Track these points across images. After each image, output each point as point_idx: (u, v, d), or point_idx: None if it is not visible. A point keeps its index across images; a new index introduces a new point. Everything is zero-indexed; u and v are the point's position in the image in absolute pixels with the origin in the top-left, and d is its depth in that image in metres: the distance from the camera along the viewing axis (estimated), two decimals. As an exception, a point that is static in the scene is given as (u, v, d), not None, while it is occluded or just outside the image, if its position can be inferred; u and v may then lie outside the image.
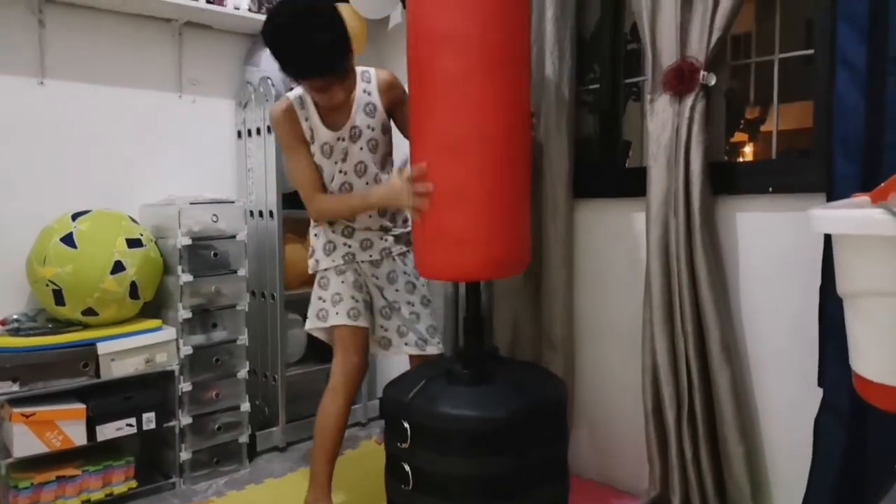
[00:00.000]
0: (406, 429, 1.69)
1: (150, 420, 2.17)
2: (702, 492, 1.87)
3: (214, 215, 2.30)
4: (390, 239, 2.02)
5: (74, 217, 2.10)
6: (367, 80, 1.94)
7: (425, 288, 2.08)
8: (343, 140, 1.90)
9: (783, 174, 1.79)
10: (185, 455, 2.26)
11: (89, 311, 2.06)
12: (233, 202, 2.36)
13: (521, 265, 1.80)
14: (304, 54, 1.68)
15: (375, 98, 1.95)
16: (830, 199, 1.51)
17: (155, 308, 2.31)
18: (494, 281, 2.35)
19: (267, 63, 2.59)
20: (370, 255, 1.99)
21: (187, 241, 2.22)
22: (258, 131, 2.57)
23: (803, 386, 1.71)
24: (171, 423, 2.23)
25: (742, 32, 2.25)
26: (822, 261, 1.48)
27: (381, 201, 1.86)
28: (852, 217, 0.94)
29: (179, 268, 2.22)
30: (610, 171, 2.21)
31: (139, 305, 2.19)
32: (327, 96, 1.78)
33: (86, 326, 2.10)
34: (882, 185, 0.99)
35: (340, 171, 1.92)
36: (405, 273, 2.04)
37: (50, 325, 2.08)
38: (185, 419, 2.25)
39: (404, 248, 2.05)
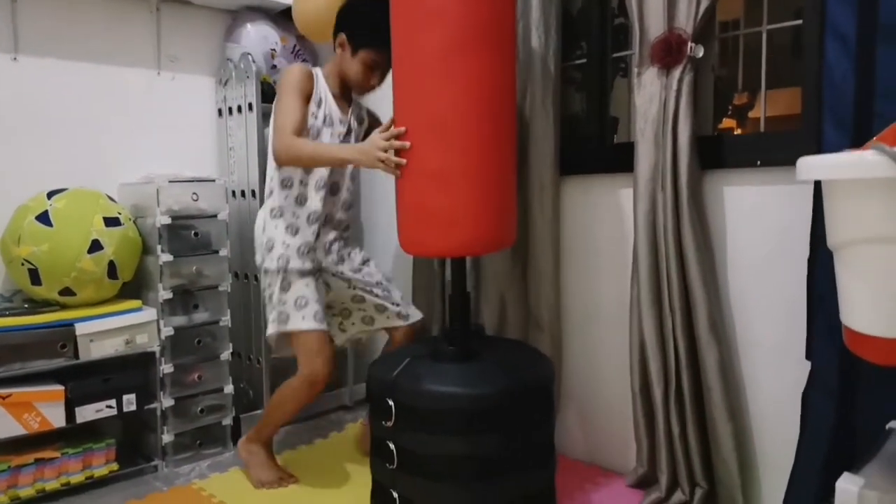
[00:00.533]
0: (391, 407, 1.66)
1: (130, 402, 2.13)
2: (689, 469, 1.86)
3: (194, 194, 2.25)
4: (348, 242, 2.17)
5: (50, 195, 2.04)
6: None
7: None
8: (343, 123, 2.05)
9: (772, 147, 1.77)
10: (167, 438, 2.22)
11: (67, 291, 2.01)
12: (213, 181, 2.31)
13: (506, 240, 1.78)
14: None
15: (365, 113, 2.19)
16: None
17: (135, 289, 2.26)
18: (481, 263, 2.32)
19: (247, 39, 2.54)
20: (334, 259, 2.10)
21: (167, 221, 2.18)
22: (239, 109, 2.52)
23: (792, 362, 1.70)
24: (153, 406, 2.20)
25: (731, 19, 2.21)
26: (811, 232, 1.46)
27: (353, 156, 1.83)
28: (844, 160, 0.91)
29: (159, 247, 2.17)
30: (597, 146, 2.18)
31: (118, 286, 2.15)
32: (375, 76, 1.96)
33: (63, 307, 2.05)
34: (875, 137, 0.96)
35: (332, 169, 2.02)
36: (365, 261, 2.17)
37: (26, 306, 2.03)
38: (167, 401, 2.22)
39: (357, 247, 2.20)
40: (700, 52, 1.80)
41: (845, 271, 0.97)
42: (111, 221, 2.08)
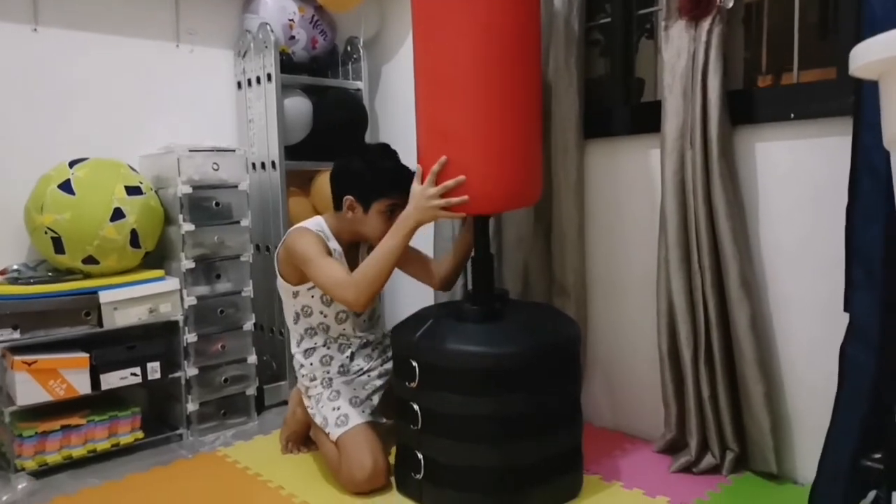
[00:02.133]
0: (414, 368, 1.64)
1: (154, 370, 2.13)
2: (719, 432, 1.81)
3: (215, 164, 2.24)
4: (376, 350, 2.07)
5: (72, 164, 2.05)
6: None
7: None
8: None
9: (806, 100, 1.70)
10: (191, 407, 2.23)
11: (90, 260, 2.02)
12: (234, 151, 2.30)
13: (529, 197, 1.74)
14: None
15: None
16: (859, 123, 1.43)
17: (157, 259, 2.27)
18: (503, 229, 2.28)
19: (265, 10, 2.52)
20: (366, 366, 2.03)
21: (188, 190, 2.17)
22: (258, 80, 2.50)
23: (826, 319, 1.65)
24: (177, 374, 2.20)
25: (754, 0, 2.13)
26: (850, 178, 1.40)
27: (410, 225, 1.69)
28: None
29: (181, 217, 2.17)
30: (622, 107, 2.13)
31: (140, 255, 2.15)
32: (396, 216, 1.76)
33: (87, 275, 2.06)
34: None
35: (338, 315, 1.95)
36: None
37: (50, 274, 2.04)
38: (191, 370, 2.22)
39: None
40: (730, 3, 1.74)
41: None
42: (133, 190, 2.08)
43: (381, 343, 2.08)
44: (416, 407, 1.65)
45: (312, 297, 1.91)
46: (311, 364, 1.96)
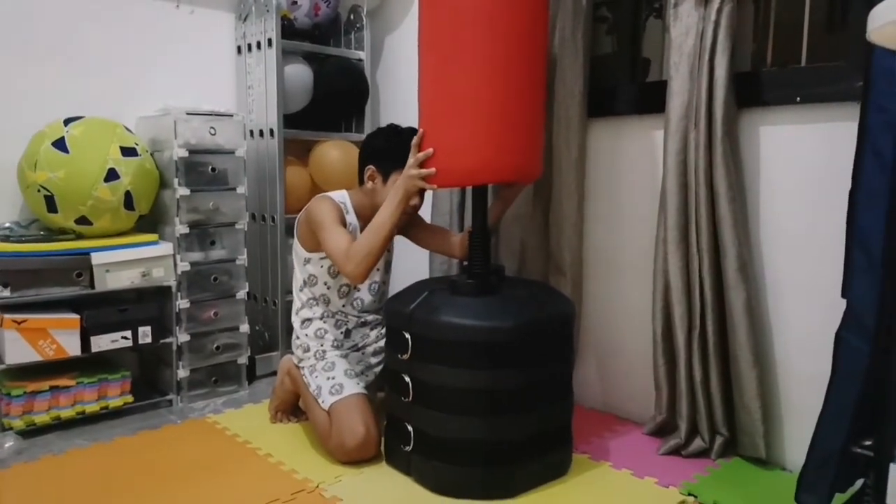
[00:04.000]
0: (407, 339, 1.63)
1: (145, 334, 2.12)
2: (710, 416, 1.81)
3: (212, 128, 2.21)
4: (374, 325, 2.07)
5: (67, 122, 2.02)
6: None
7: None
8: None
9: (813, 83, 1.68)
10: (182, 373, 2.22)
11: (83, 220, 1.99)
12: (231, 116, 2.26)
13: (528, 170, 1.72)
14: None
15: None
16: (866, 106, 1.40)
17: (151, 224, 2.24)
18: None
19: (269, -27, 2.47)
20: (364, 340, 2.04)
21: (184, 154, 2.14)
22: (258, 45, 2.46)
23: (823, 307, 1.64)
24: (168, 340, 2.19)
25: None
26: (854, 163, 1.38)
27: (399, 201, 1.71)
28: None
29: (176, 180, 2.14)
30: (627, 86, 2.09)
31: (134, 218, 2.13)
32: (420, 197, 1.83)
33: (79, 236, 2.03)
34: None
35: (341, 289, 1.96)
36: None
37: (42, 233, 2.02)
38: (183, 336, 2.21)
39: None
40: (742, -19, 1.71)
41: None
42: (128, 151, 2.05)
43: (380, 323, 2.06)
44: (407, 379, 1.64)
45: (321, 266, 1.91)
46: (306, 335, 1.95)
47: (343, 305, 1.97)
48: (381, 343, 2.01)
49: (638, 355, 2.04)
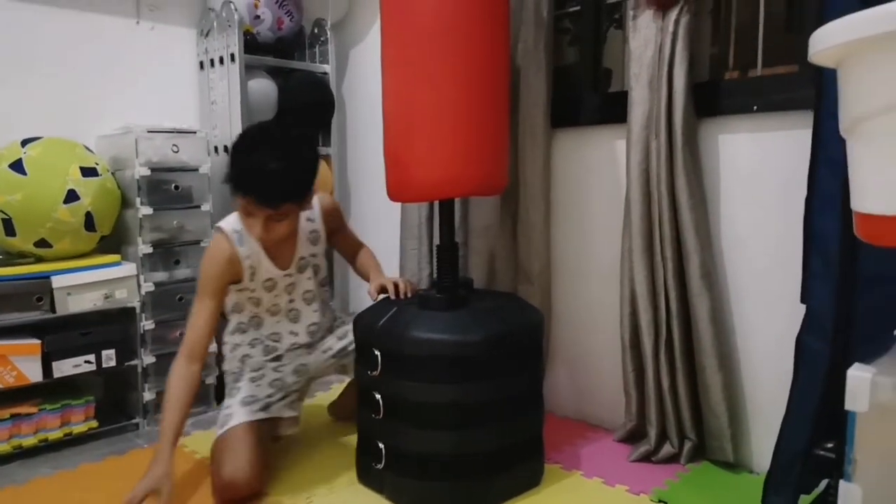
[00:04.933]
0: (377, 356, 1.62)
1: (110, 357, 2.08)
2: (678, 422, 1.83)
3: (175, 145, 2.18)
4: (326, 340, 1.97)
5: (24, 143, 1.97)
6: (311, 207, 1.79)
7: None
8: (290, 276, 1.83)
9: (769, 91, 1.72)
10: (148, 395, 2.18)
11: (42, 243, 1.95)
12: (194, 132, 2.24)
13: (493, 183, 1.73)
14: (268, 180, 1.55)
15: (319, 225, 1.88)
16: (819, 113, 1.44)
17: (114, 244, 2.20)
18: (470, 217, 2.27)
19: (230, -12, 2.45)
20: (302, 365, 1.93)
21: (146, 172, 2.11)
22: (221, 61, 2.44)
23: (785, 312, 1.67)
24: (133, 362, 2.15)
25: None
26: (809, 169, 1.41)
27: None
28: (873, 15, 0.80)
29: (138, 199, 2.11)
30: (590, 96, 2.12)
31: (96, 239, 2.08)
32: (276, 229, 1.63)
33: (39, 259, 1.99)
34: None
35: (290, 300, 1.86)
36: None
37: (0, 257, 1.96)
38: (148, 358, 2.17)
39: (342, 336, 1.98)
40: (697, -6, 1.74)
41: (862, 152, 0.89)
42: (88, 171, 2.01)
43: (314, 346, 1.95)
44: (377, 396, 1.63)
45: (243, 294, 1.81)
46: (233, 356, 1.89)
47: (277, 323, 1.86)
48: (304, 361, 1.92)
49: (608, 363, 2.06)
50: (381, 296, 1.81)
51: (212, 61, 2.49)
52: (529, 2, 2.05)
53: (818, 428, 1.41)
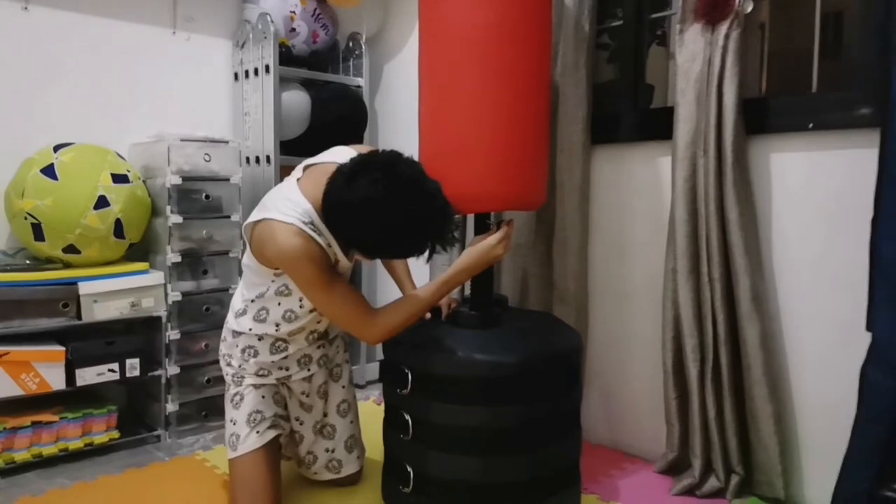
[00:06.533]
0: (407, 374, 1.55)
1: (133, 367, 2.04)
2: (725, 454, 1.73)
3: (207, 154, 2.16)
4: (330, 346, 1.76)
5: (56, 148, 1.96)
6: None
7: (353, 388, 1.82)
8: (351, 264, 1.63)
9: (826, 109, 1.63)
10: (171, 407, 2.13)
11: (71, 249, 1.92)
12: (227, 142, 2.22)
13: (529, 199, 1.67)
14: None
15: None
16: (886, 133, 1.35)
17: (142, 252, 2.18)
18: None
19: (266, 0, 2.44)
20: (308, 371, 1.71)
21: (177, 181, 2.08)
22: (255, 72, 2.42)
23: (841, 338, 1.57)
24: (157, 373, 2.10)
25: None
26: (875, 191, 1.32)
27: (463, 275, 1.47)
28: None
29: (168, 208, 2.08)
30: (631, 112, 2.05)
31: (125, 246, 2.06)
32: None
33: (67, 265, 1.96)
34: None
35: (286, 314, 1.61)
36: (342, 388, 1.79)
37: (28, 262, 1.94)
38: (173, 369, 2.12)
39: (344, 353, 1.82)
40: (749, 7, 1.68)
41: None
42: (119, 178, 1.99)
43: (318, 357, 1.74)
44: (406, 416, 1.55)
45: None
46: (236, 346, 1.63)
47: (291, 330, 1.61)
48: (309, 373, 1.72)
49: (647, 389, 1.96)
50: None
51: (246, 73, 2.47)
52: (570, 15, 2.00)
53: (884, 466, 1.30)
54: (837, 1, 1.87)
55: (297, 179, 1.53)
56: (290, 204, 1.46)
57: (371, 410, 2.32)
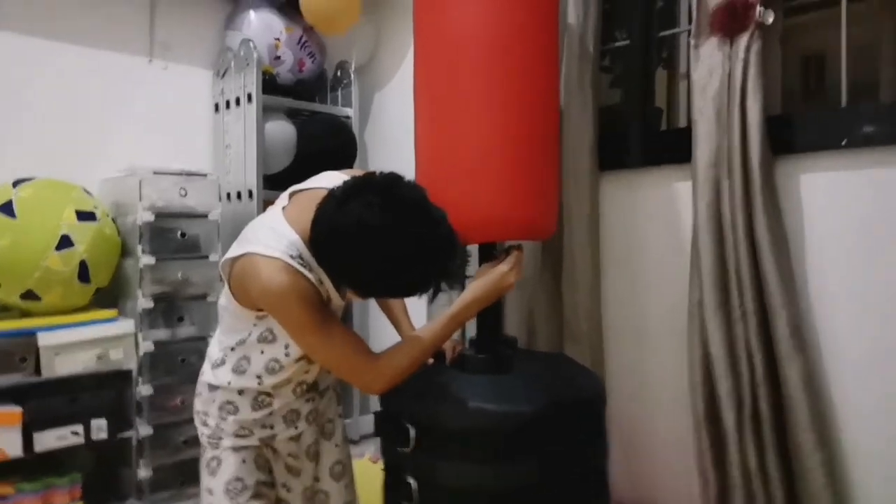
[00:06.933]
0: (408, 429, 1.36)
1: (100, 428, 1.83)
2: (768, 510, 1.54)
3: (182, 189, 1.99)
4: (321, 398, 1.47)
5: (16, 184, 1.80)
6: None
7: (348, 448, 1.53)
8: (343, 303, 1.41)
9: (858, 123, 1.50)
10: (143, 473, 1.93)
11: (29, 295, 1.74)
12: (205, 175, 2.06)
13: (542, 228, 1.51)
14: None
15: None
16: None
17: (111, 297, 2.00)
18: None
19: (249, 28, 2.32)
20: (295, 428, 1.41)
21: (149, 217, 1.92)
22: (237, 101, 2.28)
23: (894, 375, 1.41)
24: (128, 434, 1.91)
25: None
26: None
27: (474, 307, 1.30)
28: None
29: (140, 248, 1.91)
30: (640, 136, 1.92)
31: (90, 292, 1.87)
32: None
33: (25, 313, 1.79)
34: None
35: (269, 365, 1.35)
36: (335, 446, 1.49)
37: (-20, 311, 1.75)
38: (145, 429, 1.93)
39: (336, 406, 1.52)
40: (770, 18, 1.56)
41: None
42: (85, 216, 1.82)
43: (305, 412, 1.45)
44: (410, 479, 1.36)
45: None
46: (212, 400, 1.35)
47: (275, 382, 1.33)
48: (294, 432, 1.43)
49: (675, 435, 1.78)
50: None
51: (227, 103, 2.33)
52: (574, 33, 1.89)
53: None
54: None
55: (283, 208, 1.35)
56: (274, 235, 1.26)
57: (366, 470, 2.10)
